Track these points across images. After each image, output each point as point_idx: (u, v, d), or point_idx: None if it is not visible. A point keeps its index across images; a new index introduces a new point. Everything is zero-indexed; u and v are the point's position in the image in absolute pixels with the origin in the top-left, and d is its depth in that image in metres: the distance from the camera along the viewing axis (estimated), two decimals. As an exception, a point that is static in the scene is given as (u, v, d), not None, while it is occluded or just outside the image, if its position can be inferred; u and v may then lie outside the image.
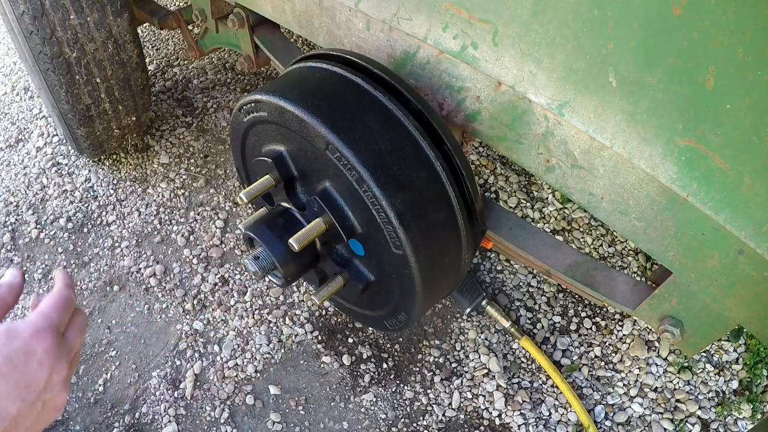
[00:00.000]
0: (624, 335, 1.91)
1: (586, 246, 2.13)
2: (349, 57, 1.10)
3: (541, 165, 1.03)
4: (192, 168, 2.33)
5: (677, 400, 1.78)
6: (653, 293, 1.12)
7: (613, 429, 1.73)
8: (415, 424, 1.72)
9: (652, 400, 1.78)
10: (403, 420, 1.72)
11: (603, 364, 1.86)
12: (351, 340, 1.88)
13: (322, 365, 1.82)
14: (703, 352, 1.88)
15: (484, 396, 1.78)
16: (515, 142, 1.05)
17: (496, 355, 1.85)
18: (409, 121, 1.01)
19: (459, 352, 1.87)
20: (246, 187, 1.18)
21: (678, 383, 1.81)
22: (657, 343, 1.89)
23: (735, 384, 1.82)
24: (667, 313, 1.12)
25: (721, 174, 0.82)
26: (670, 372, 1.83)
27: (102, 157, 2.33)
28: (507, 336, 1.90)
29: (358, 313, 1.33)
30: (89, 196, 2.22)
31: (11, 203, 2.19)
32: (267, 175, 1.14)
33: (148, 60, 2.77)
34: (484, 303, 1.86)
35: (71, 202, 2.20)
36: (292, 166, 1.13)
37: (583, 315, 1.97)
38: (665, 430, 1.72)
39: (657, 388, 1.81)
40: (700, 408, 1.76)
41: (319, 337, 1.87)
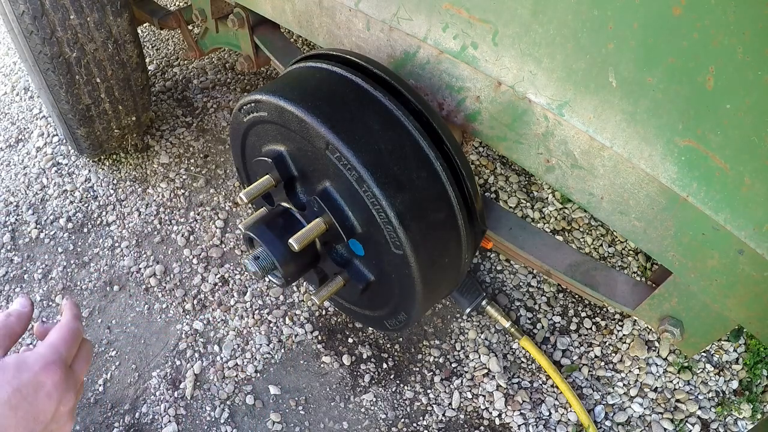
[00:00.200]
0: (624, 335, 1.91)
1: (586, 246, 2.13)
2: (349, 57, 1.10)
3: (541, 165, 1.03)
4: (192, 168, 2.33)
5: (677, 400, 1.78)
6: (653, 293, 1.12)
7: (613, 429, 1.73)
8: (415, 424, 1.72)
9: (652, 400, 1.78)
10: (403, 420, 1.72)
11: (603, 364, 1.86)
12: (351, 340, 1.88)
13: (322, 365, 1.82)
14: (703, 352, 1.88)
15: (484, 396, 1.78)
16: (515, 142, 1.05)
17: (496, 355, 1.85)
18: (409, 121, 1.01)
19: (459, 352, 1.87)
20: (246, 187, 1.18)
21: (678, 383, 1.81)
22: (657, 343, 1.89)
23: (735, 384, 1.82)
24: (667, 313, 1.12)
25: (721, 174, 0.82)
26: (670, 372, 1.83)
27: (102, 157, 2.33)
28: (507, 336, 1.90)
29: (358, 313, 1.33)
30: (89, 196, 2.22)
31: (11, 203, 2.19)
32: (267, 175, 1.14)
33: (148, 60, 2.77)
34: (484, 303, 1.86)
35: (71, 202, 2.20)
36: (292, 166, 1.13)
37: (583, 315, 1.97)
38: (665, 430, 1.72)
39: (657, 388, 1.81)
40: (700, 408, 1.76)
41: (319, 337, 1.87)
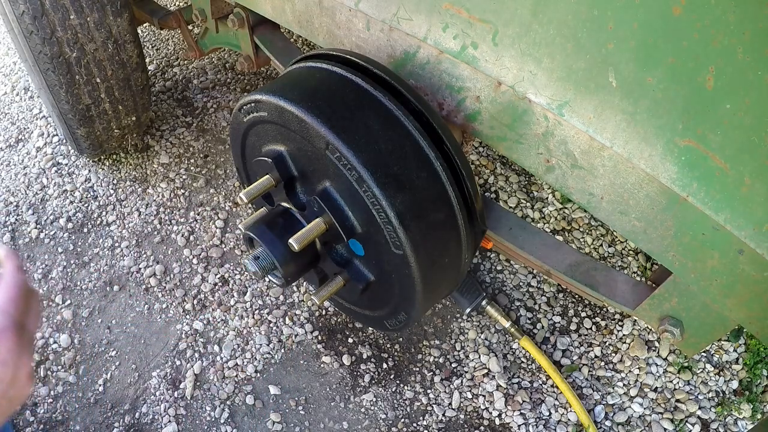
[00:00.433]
0: (624, 335, 1.91)
1: (586, 246, 2.13)
2: (349, 57, 1.10)
3: (541, 165, 1.03)
4: (192, 168, 2.33)
5: (677, 400, 1.78)
6: (653, 293, 1.12)
7: (613, 429, 1.73)
8: (415, 424, 1.72)
9: (652, 400, 1.78)
10: (403, 420, 1.72)
11: (603, 364, 1.86)
12: (351, 340, 1.88)
13: (322, 365, 1.82)
14: (703, 352, 1.88)
15: (484, 396, 1.78)
16: (515, 142, 1.05)
17: (496, 355, 1.85)
18: (409, 121, 1.01)
19: (459, 352, 1.87)
20: (246, 187, 1.18)
21: (678, 383, 1.81)
22: (657, 343, 1.89)
23: (735, 384, 1.82)
24: (667, 313, 1.12)
25: (721, 174, 0.82)
26: (670, 372, 1.83)
27: (102, 157, 2.33)
28: (507, 336, 1.90)
29: (358, 313, 1.33)
30: (89, 196, 2.22)
31: (11, 203, 2.19)
32: (267, 175, 1.14)
33: (148, 60, 2.77)
34: (484, 303, 1.86)
35: (71, 202, 2.20)
36: (292, 166, 1.13)
37: (583, 315, 1.97)
38: (665, 430, 1.72)
39: (657, 388, 1.81)
40: (700, 408, 1.76)
41: (319, 337, 1.87)
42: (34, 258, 2.03)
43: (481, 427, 1.72)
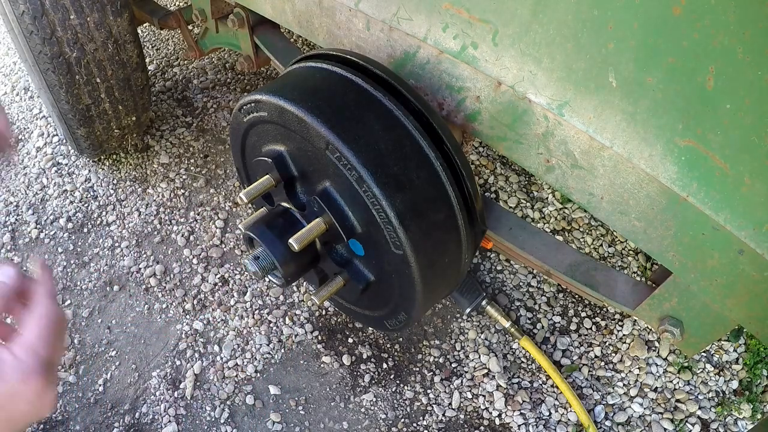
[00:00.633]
0: (624, 335, 1.91)
1: (586, 246, 2.13)
2: (349, 57, 1.10)
3: (541, 165, 1.03)
4: (192, 168, 2.33)
5: (677, 400, 1.78)
6: (653, 293, 1.12)
7: (613, 429, 1.73)
8: (415, 424, 1.72)
9: (652, 400, 1.78)
10: (403, 420, 1.72)
11: (603, 364, 1.86)
12: (351, 340, 1.88)
13: (322, 365, 1.82)
14: (703, 352, 1.88)
15: (484, 396, 1.78)
16: (515, 142, 1.05)
17: (496, 355, 1.85)
18: (409, 121, 1.01)
19: (459, 352, 1.87)
20: (246, 187, 1.18)
21: (678, 383, 1.81)
22: (657, 343, 1.89)
23: (735, 384, 1.82)
24: (667, 313, 1.12)
25: (721, 174, 0.82)
26: (670, 372, 1.83)
27: (102, 157, 2.33)
28: (507, 336, 1.90)
29: (358, 313, 1.33)
30: (89, 196, 2.22)
31: (11, 203, 2.19)
32: (267, 175, 1.13)
33: (148, 60, 2.77)
34: (484, 303, 1.86)
35: (71, 202, 2.20)
36: (292, 166, 1.13)
37: (583, 315, 1.97)
38: (665, 430, 1.72)
39: (657, 388, 1.81)
40: (700, 408, 1.76)
41: (319, 337, 1.87)
42: (35, 258, 2.03)
43: (481, 427, 1.73)
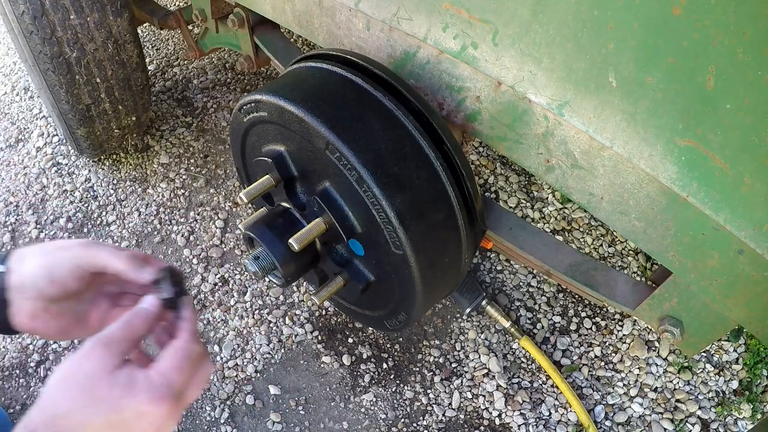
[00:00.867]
0: (624, 335, 1.91)
1: (586, 246, 2.13)
2: (349, 57, 1.10)
3: (541, 165, 1.03)
4: (192, 168, 2.33)
5: (677, 400, 1.78)
6: (653, 293, 1.12)
7: (613, 429, 1.73)
8: (415, 424, 1.72)
9: (652, 400, 1.78)
10: (403, 420, 1.72)
11: (603, 364, 1.86)
12: (351, 340, 1.88)
13: (322, 365, 1.82)
14: (703, 352, 1.88)
15: (484, 396, 1.78)
16: (515, 142, 1.05)
17: (496, 355, 1.85)
18: (409, 121, 1.01)
19: (459, 352, 1.87)
20: (246, 187, 1.18)
21: (678, 383, 1.81)
22: (657, 343, 1.89)
23: (735, 384, 1.82)
24: (667, 313, 1.12)
25: (721, 174, 0.82)
26: (670, 372, 1.83)
27: (102, 157, 2.33)
28: (507, 336, 1.90)
29: (358, 313, 1.33)
30: (89, 196, 2.22)
31: (11, 203, 2.19)
32: (267, 175, 1.13)
33: (148, 60, 2.77)
34: (484, 303, 1.86)
35: (71, 202, 2.20)
36: (292, 166, 1.13)
37: (583, 315, 1.97)
38: (665, 430, 1.72)
39: (657, 388, 1.81)
40: (700, 408, 1.76)
41: (319, 337, 1.87)
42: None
43: (481, 427, 1.73)
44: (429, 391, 1.79)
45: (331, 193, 1.06)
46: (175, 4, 3.11)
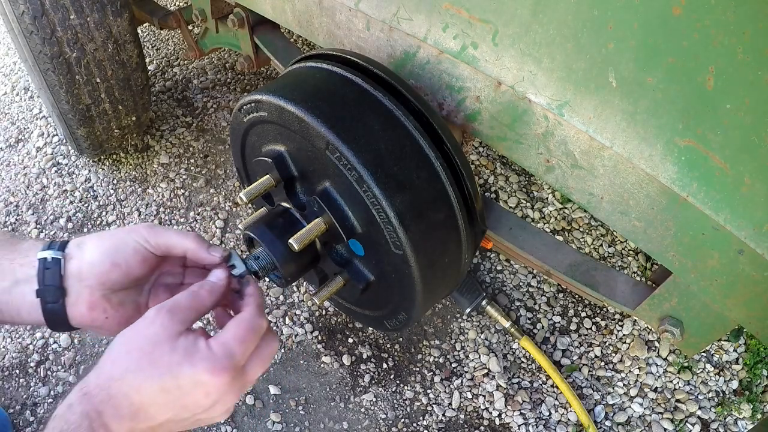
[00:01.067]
0: (624, 335, 1.91)
1: (586, 246, 2.13)
2: (349, 57, 1.10)
3: (541, 165, 1.03)
4: (192, 168, 2.33)
5: (677, 400, 1.78)
6: (653, 293, 1.12)
7: (613, 429, 1.73)
8: (415, 424, 1.72)
9: (652, 400, 1.78)
10: (403, 420, 1.72)
11: (603, 364, 1.86)
12: (351, 340, 1.88)
13: (322, 365, 1.82)
14: (703, 352, 1.88)
15: (484, 396, 1.78)
16: (515, 142, 1.05)
17: (496, 355, 1.85)
18: (409, 121, 1.01)
19: (459, 352, 1.87)
20: (246, 187, 1.18)
21: (678, 383, 1.81)
22: (657, 343, 1.89)
23: (735, 384, 1.82)
24: (667, 313, 1.12)
25: (721, 174, 0.82)
26: (670, 372, 1.83)
27: (102, 157, 2.33)
28: (507, 336, 1.90)
29: (358, 313, 1.33)
30: (89, 196, 2.22)
31: (11, 203, 2.19)
32: (267, 175, 1.13)
33: (148, 60, 2.77)
34: (484, 303, 1.86)
35: (71, 202, 2.20)
36: (292, 166, 1.13)
37: (583, 315, 1.97)
38: (665, 430, 1.72)
39: (657, 388, 1.81)
40: (700, 408, 1.76)
41: (319, 337, 1.87)
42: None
43: (481, 427, 1.73)
44: (429, 391, 1.79)
45: (331, 193, 1.06)
46: (175, 4, 3.11)
